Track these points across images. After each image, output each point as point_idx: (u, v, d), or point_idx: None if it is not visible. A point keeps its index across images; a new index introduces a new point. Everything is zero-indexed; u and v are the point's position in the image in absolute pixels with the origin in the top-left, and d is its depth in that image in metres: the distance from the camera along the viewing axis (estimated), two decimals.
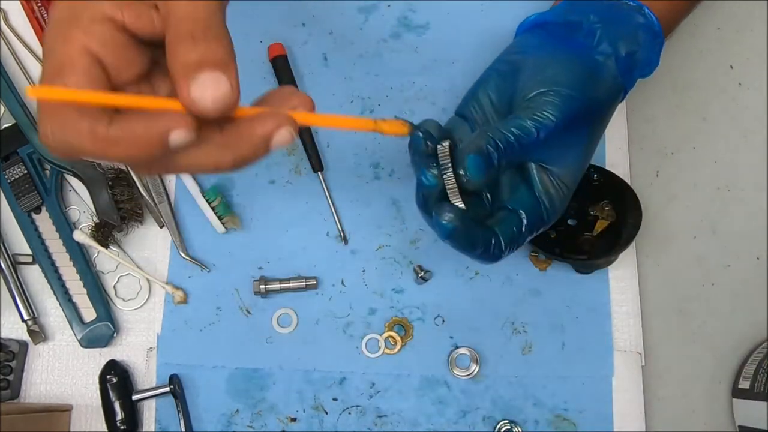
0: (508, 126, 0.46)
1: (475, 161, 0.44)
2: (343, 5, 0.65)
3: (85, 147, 0.35)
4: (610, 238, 0.56)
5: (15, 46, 0.64)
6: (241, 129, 0.37)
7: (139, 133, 0.34)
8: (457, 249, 0.47)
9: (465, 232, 0.46)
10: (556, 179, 0.49)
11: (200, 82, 0.34)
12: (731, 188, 0.60)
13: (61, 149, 0.35)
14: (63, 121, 0.34)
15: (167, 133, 0.34)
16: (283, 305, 0.59)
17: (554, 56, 0.50)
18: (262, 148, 0.37)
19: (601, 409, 0.56)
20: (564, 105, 0.46)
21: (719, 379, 0.57)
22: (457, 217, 0.45)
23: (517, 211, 0.48)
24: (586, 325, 0.58)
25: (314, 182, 0.61)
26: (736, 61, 0.63)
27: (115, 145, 0.34)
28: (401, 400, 0.57)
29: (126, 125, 0.34)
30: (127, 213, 0.59)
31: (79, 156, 0.36)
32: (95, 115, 0.34)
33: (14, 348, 0.58)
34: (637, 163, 0.61)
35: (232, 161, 0.37)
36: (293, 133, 0.37)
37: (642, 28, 0.51)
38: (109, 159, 0.35)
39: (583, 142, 0.49)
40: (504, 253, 0.48)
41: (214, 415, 0.57)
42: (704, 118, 0.62)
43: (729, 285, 0.58)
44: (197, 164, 0.37)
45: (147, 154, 0.35)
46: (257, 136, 0.36)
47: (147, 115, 0.35)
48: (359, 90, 0.63)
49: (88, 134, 0.34)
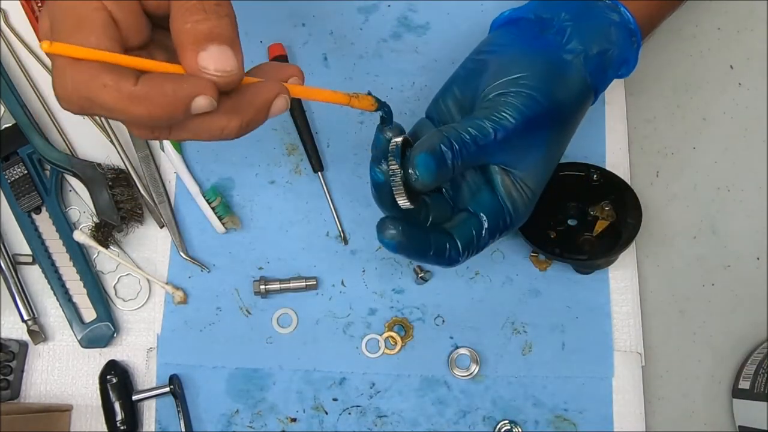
0: (464, 125, 0.45)
1: (426, 160, 0.43)
2: (343, 5, 0.65)
3: (106, 102, 0.35)
4: (610, 239, 0.56)
5: (15, 46, 0.64)
6: (247, 95, 0.38)
7: (166, 94, 0.35)
8: (410, 258, 0.47)
9: (412, 243, 0.45)
10: (519, 182, 0.48)
11: (209, 53, 0.36)
12: (731, 188, 0.60)
13: (77, 102, 0.36)
14: (86, 73, 0.35)
15: (192, 97, 0.35)
16: (283, 305, 0.59)
17: (520, 56, 0.49)
18: (263, 114, 0.39)
19: (601, 409, 0.56)
20: (524, 106, 0.46)
21: (719, 379, 0.57)
22: (399, 233, 0.45)
23: (477, 214, 0.48)
24: (586, 325, 0.58)
25: (314, 182, 0.61)
26: (736, 61, 0.63)
27: (138, 103, 0.35)
28: (401, 401, 0.57)
29: (154, 84, 0.35)
30: (127, 213, 0.59)
31: (93, 111, 0.37)
32: (121, 72, 0.35)
33: (14, 348, 0.58)
34: (637, 163, 0.61)
35: (237, 126, 0.38)
36: (288, 101, 0.40)
37: (616, 26, 0.50)
38: (126, 116, 0.36)
39: (545, 144, 0.48)
40: (462, 257, 0.47)
41: (214, 415, 0.57)
42: (704, 118, 0.62)
43: (729, 285, 0.58)
44: (206, 128, 0.38)
45: (169, 116, 0.36)
46: (260, 102, 0.39)
47: (174, 78, 0.36)
48: (359, 90, 0.62)
49: (114, 89, 0.35)
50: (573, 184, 0.58)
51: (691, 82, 0.63)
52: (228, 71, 0.36)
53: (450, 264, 0.48)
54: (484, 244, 0.48)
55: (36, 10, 0.63)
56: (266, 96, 0.39)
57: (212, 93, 0.36)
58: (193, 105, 0.36)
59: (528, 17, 0.51)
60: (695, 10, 0.64)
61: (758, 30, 0.63)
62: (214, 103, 0.36)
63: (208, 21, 0.36)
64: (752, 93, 0.62)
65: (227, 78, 0.36)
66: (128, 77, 0.35)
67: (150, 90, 0.35)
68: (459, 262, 0.48)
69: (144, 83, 0.36)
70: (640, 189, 0.59)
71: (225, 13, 0.37)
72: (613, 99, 0.62)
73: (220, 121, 0.38)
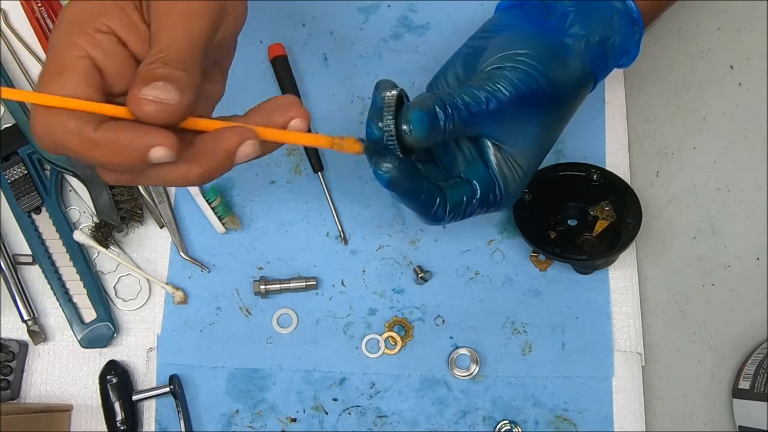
0: (459, 92, 0.46)
1: (419, 116, 0.44)
2: (343, 5, 0.65)
3: (70, 145, 0.36)
4: (610, 239, 0.56)
5: (15, 46, 0.64)
6: (207, 143, 0.39)
7: (123, 142, 0.36)
8: (401, 200, 0.47)
9: (405, 182, 0.45)
10: (510, 159, 0.48)
11: (154, 86, 0.36)
12: (731, 188, 0.60)
13: (49, 144, 0.37)
14: (53, 117, 0.36)
15: (149, 147, 0.36)
16: (283, 305, 0.59)
17: (521, 35, 0.49)
18: (227, 162, 0.39)
19: (601, 409, 0.56)
20: (519, 81, 0.46)
21: (719, 379, 0.57)
22: (395, 168, 0.45)
23: (470, 181, 0.48)
24: (586, 326, 0.58)
25: (314, 182, 0.61)
26: (736, 61, 0.63)
27: (98, 149, 0.36)
28: (401, 401, 0.57)
29: (112, 132, 0.36)
30: (127, 213, 0.59)
31: (63, 153, 0.38)
32: (84, 118, 0.36)
33: (14, 348, 0.58)
34: (637, 163, 0.61)
35: (198, 174, 0.39)
36: (257, 146, 0.39)
37: (619, 14, 0.50)
38: (90, 160, 0.37)
39: (539, 125, 0.48)
40: (447, 216, 0.48)
41: (214, 415, 0.57)
42: (704, 118, 0.62)
43: (729, 285, 0.58)
44: (165, 177, 0.38)
45: (126, 162, 0.36)
46: (222, 150, 0.38)
47: (134, 127, 0.36)
48: (359, 90, 0.63)
49: (75, 133, 0.36)
50: (573, 184, 0.58)
51: (691, 82, 0.63)
52: (166, 100, 0.36)
53: (434, 220, 0.48)
54: (471, 212, 0.49)
55: (36, 10, 0.63)
56: (228, 144, 0.38)
57: (170, 144, 0.36)
58: (151, 154, 0.36)
59: (532, 2, 0.51)
60: (695, 10, 0.64)
61: (758, 30, 0.63)
62: (172, 154, 0.36)
63: (165, 69, 0.36)
64: (752, 93, 0.62)
65: (165, 107, 0.36)
66: (90, 123, 0.36)
67: (109, 136, 0.36)
68: (443, 221, 0.48)
69: (104, 130, 0.36)
70: (640, 189, 0.59)
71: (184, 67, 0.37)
72: (613, 99, 0.62)
73: (179, 170, 0.38)
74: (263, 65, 0.63)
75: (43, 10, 0.63)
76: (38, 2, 0.63)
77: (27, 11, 0.64)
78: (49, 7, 0.63)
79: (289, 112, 0.41)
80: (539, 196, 0.57)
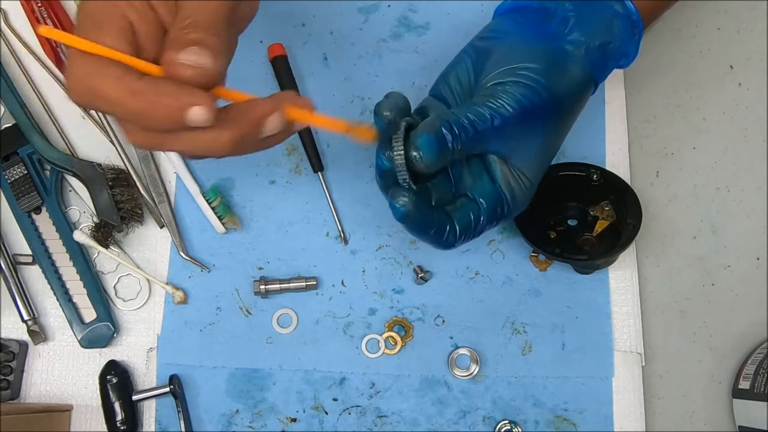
0: (464, 111, 0.46)
1: (428, 140, 0.44)
2: (343, 5, 0.65)
3: (108, 93, 0.37)
4: (610, 239, 0.56)
5: (15, 46, 0.64)
6: (239, 109, 0.40)
7: (166, 95, 0.37)
8: (412, 232, 0.47)
9: (419, 216, 0.46)
10: (517, 172, 0.49)
11: (188, 51, 0.37)
12: (731, 188, 0.60)
13: (83, 92, 0.38)
14: (94, 64, 0.37)
15: (190, 104, 0.37)
16: (283, 305, 0.59)
17: (521, 44, 0.49)
18: (256, 130, 0.40)
19: (601, 409, 0.56)
20: (522, 96, 0.46)
21: (719, 379, 0.57)
22: (411, 201, 0.45)
23: (476, 199, 0.49)
24: (586, 326, 0.58)
25: (314, 182, 0.61)
26: (736, 61, 0.63)
27: (139, 98, 0.37)
28: (401, 401, 0.57)
29: (157, 84, 0.37)
30: (127, 213, 0.59)
31: (95, 103, 0.38)
32: (126, 68, 0.37)
33: (14, 348, 0.58)
34: (637, 163, 0.61)
35: (228, 139, 0.40)
36: (284, 121, 0.41)
37: (619, 18, 0.50)
38: (125, 110, 0.38)
39: (543, 136, 0.49)
40: (458, 240, 0.48)
41: (214, 415, 0.57)
42: (704, 118, 0.62)
43: (729, 285, 0.58)
44: (195, 141, 0.39)
45: (166, 116, 0.37)
46: (254, 117, 0.40)
47: (177, 84, 0.38)
48: (359, 90, 0.63)
49: (117, 81, 0.37)
50: (573, 184, 0.58)
51: (691, 82, 0.63)
52: (202, 65, 0.37)
53: (446, 246, 0.48)
54: (482, 230, 0.49)
55: (36, 10, 0.63)
56: (260, 111, 0.40)
57: (210, 104, 0.37)
58: (190, 112, 0.37)
59: (532, 6, 0.51)
60: (695, 10, 0.64)
61: (758, 30, 0.63)
62: (210, 117, 0.37)
63: (198, 33, 0.38)
64: (752, 93, 0.62)
65: (201, 71, 0.37)
66: (132, 73, 0.37)
67: (152, 88, 0.37)
68: (455, 245, 0.49)
69: (147, 81, 0.37)
70: (640, 189, 0.59)
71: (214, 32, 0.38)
72: (613, 99, 0.62)
73: (210, 134, 0.39)
74: (263, 65, 0.63)
75: (43, 10, 0.63)
76: (38, 2, 0.63)
77: (27, 11, 0.64)
78: (49, 7, 0.63)
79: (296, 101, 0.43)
80: (539, 196, 0.57)
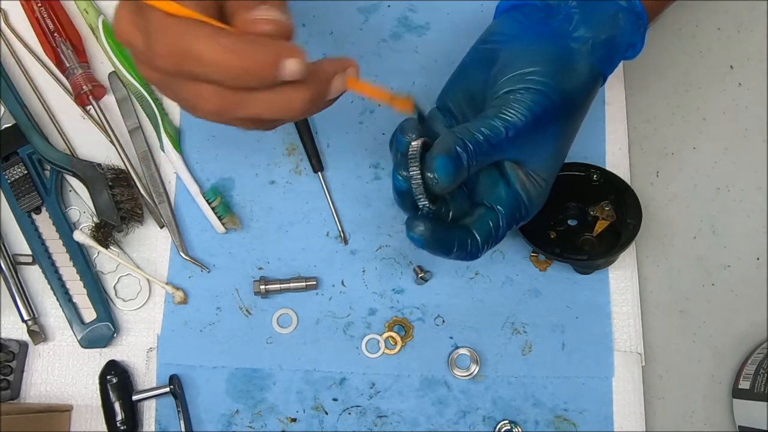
0: (477, 126, 0.46)
1: (443, 163, 0.44)
2: (343, 5, 0.65)
3: (203, 51, 0.38)
4: (610, 239, 0.56)
5: (15, 46, 0.64)
6: (312, 68, 0.41)
7: (264, 46, 0.38)
8: (435, 254, 0.47)
9: (438, 239, 0.46)
10: (532, 174, 0.49)
11: (260, 9, 0.39)
12: (731, 188, 0.60)
13: (176, 56, 0.38)
14: (184, 27, 0.38)
15: (284, 57, 0.38)
16: (283, 305, 0.59)
17: (527, 47, 0.49)
18: (325, 90, 0.42)
19: (601, 409, 0.56)
20: (534, 103, 0.46)
21: (719, 379, 0.57)
22: (427, 229, 0.46)
23: (494, 207, 0.48)
24: (586, 326, 0.58)
25: (314, 182, 0.61)
26: (736, 61, 0.63)
27: (234, 54, 0.38)
28: (401, 401, 0.57)
29: (250, 40, 0.38)
30: (127, 213, 0.59)
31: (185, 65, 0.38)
32: (217, 28, 0.38)
33: (14, 348, 0.58)
34: (637, 163, 0.61)
35: (302, 98, 0.41)
36: (345, 82, 0.43)
37: (623, 11, 0.50)
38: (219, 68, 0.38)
39: (556, 137, 0.49)
40: (482, 251, 0.48)
41: (214, 415, 0.57)
42: (704, 118, 0.62)
43: (729, 285, 0.58)
44: (271, 101, 0.40)
45: (260, 70, 0.38)
46: (325, 75, 0.42)
47: (267, 38, 0.39)
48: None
49: (211, 39, 0.38)
50: (573, 184, 0.58)
51: (691, 82, 0.63)
52: (278, 18, 0.39)
53: (472, 258, 0.49)
54: (503, 235, 0.49)
55: (36, 10, 0.63)
56: (329, 70, 0.42)
57: (302, 57, 0.39)
58: (286, 64, 0.38)
59: (534, 2, 0.51)
60: (695, 10, 0.64)
61: (758, 30, 0.63)
62: (303, 68, 0.39)
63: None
64: (752, 93, 0.62)
65: (279, 25, 0.39)
66: (222, 32, 0.38)
67: (246, 44, 0.38)
68: (480, 255, 0.49)
69: (240, 38, 0.38)
70: (640, 189, 0.59)
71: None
72: (613, 99, 0.62)
73: (285, 93, 0.40)
74: None
75: (43, 10, 0.63)
76: (38, 2, 0.63)
77: (27, 11, 0.64)
78: (49, 7, 0.63)
79: (343, 63, 0.44)
80: None
